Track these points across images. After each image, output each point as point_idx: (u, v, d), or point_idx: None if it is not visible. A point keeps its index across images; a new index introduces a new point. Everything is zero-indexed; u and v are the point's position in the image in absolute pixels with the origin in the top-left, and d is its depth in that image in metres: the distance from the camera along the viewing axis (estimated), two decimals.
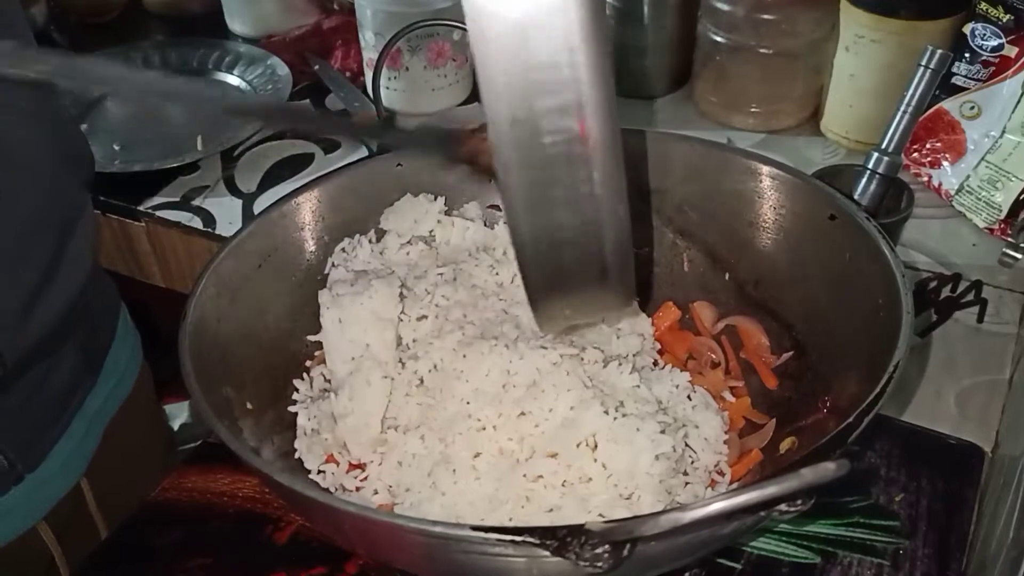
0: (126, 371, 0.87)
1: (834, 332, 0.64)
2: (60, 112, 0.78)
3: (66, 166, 0.75)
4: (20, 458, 0.74)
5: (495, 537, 0.44)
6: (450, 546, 0.47)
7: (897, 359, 0.54)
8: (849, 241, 0.64)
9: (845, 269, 0.64)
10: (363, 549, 0.62)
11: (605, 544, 0.43)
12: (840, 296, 0.64)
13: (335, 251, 0.72)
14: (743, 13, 1.06)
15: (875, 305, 0.60)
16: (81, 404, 0.81)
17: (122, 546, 0.70)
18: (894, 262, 0.60)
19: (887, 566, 0.65)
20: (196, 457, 0.75)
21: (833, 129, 1.08)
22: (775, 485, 0.42)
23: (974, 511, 0.68)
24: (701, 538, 0.50)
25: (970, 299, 0.87)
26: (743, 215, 0.71)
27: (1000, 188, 0.93)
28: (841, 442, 0.50)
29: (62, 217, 0.74)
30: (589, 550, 0.43)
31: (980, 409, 0.76)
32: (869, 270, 0.62)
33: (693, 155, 0.73)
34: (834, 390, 0.61)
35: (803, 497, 0.44)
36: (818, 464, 0.42)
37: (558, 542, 0.43)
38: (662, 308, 0.74)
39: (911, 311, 0.57)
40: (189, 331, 0.60)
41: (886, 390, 0.52)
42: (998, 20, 0.93)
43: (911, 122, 0.73)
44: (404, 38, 1.00)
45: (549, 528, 0.44)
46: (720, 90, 1.09)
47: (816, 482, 0.42)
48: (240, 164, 1.10)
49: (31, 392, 0.73)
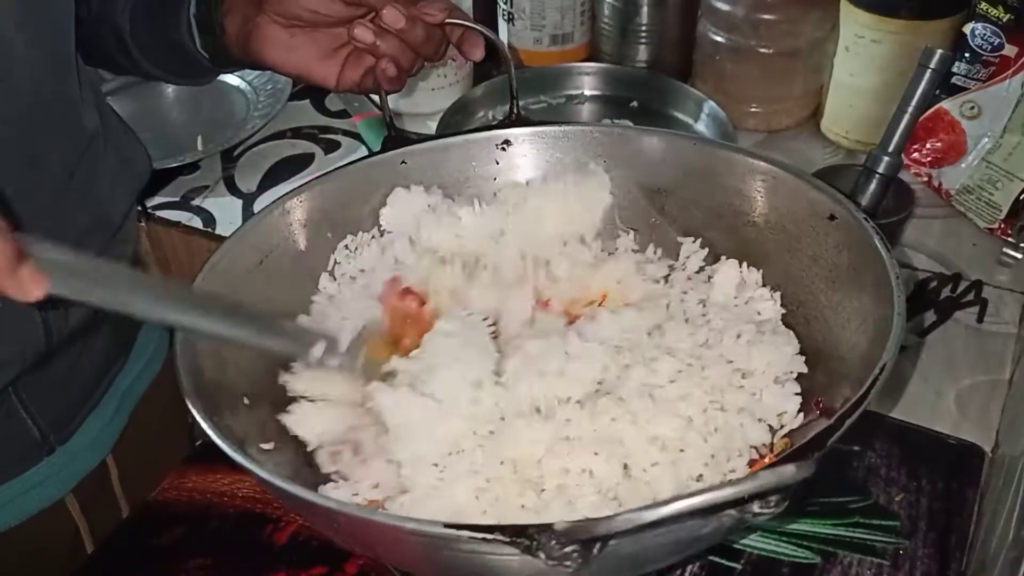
0: (155, 351, 0.90)
1: (830, 332, 0.64)
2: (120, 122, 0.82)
3: (124, 173, 0.78)
4: (52, 431, 0.77)
5: (467, 535, 0.44)
6: (434, 543, 0.47)
7: (884, 361, 0.53)
8: (847, 241, 0.64)
9: (842, 269, 0.64)
10: (352, 545, 0.62)
11: (573, 543, 0.43)
12: (837, 296, 0.64)
13: (338, 248, 0.72)
14: (743, 13, 1.06)
15: (870, 306, 0.60)
16: (112, 382, 0.84)
17: (123, 546, 0.70)
18: (889, 264, 0.59)
19: (887, 566, 0.65)
20: (196, 457, 0.75)
21: (833, 129, 1.08)
22: (732, 487, 0.42)
23: (974, 511, 0.68)
24: (678, 536, 0.50)
25: (970, 299, 0.87)
26: (745, 213, 0.71)
27: (1000, 188, 0.93)
28: (821, 444, 0.49)
29: (114, 223, 0.77)
30: (558, 549, 0.43)
31: (980, 409, 0.77)
32: (865, 271, 0.61)
33: (696, 154, 0.73)
34: (828, 391, 0.61)
35: (775, 497, 0.43)
36: (778, 466, 0.42)
37: (528, 540, 0.43)
38: None
39: (902, 313, 0.56)
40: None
41: (870, 393, 0.52)
42: (998, 20, 0.93)
43: (911, 122, 0.73)
44: None
45: (520, 527, 0.44)
46: (720, 90, 1.09)
47: (775, 484, 0.42)
48: (240, 164, 1.11)
49: (67, 369, 0.76)
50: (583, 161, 0.75)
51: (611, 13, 1.13)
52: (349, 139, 1.14)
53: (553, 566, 0.43)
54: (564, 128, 0.75)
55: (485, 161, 0.76)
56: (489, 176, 0.76)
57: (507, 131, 0.75)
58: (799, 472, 0.42)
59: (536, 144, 0.76)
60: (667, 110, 1.05)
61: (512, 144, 0.75)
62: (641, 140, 0.74)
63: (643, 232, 0.75)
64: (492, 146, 0.76)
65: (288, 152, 1.12)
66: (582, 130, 0.75)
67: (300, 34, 0.74)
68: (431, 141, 0.76)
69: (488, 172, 0.76)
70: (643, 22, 1.12)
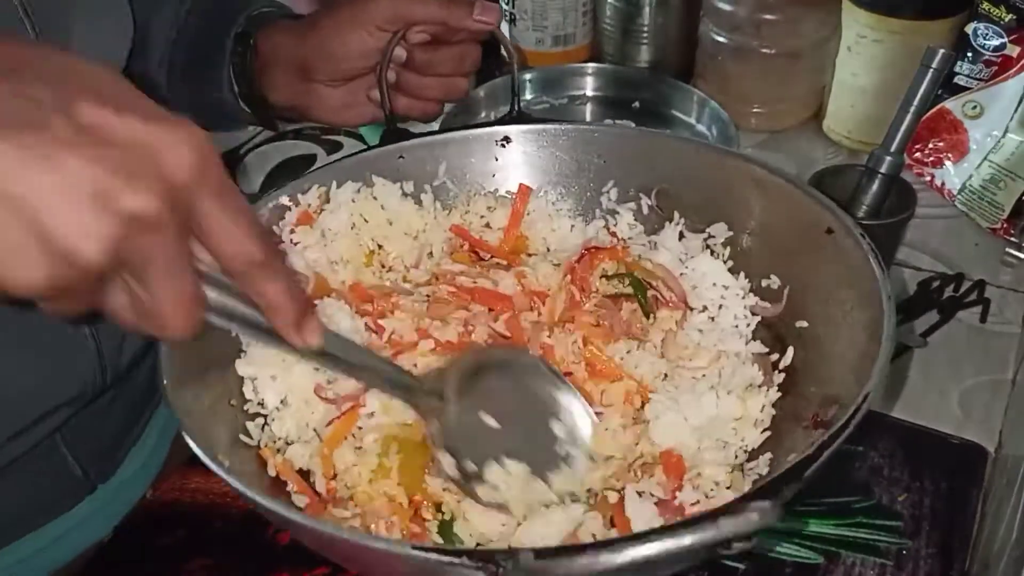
0: None
1: (821, 347, 0.62)
2: None
3: None
4: (94, 467, 0.76)
5: (435, 558, 0.44)
6: (405, 564, 0.47)
7: (867, 390, 0.51)
8: (842, 256, 0.62)
9: (835, 286, 0.63)
10: (339, 562, 0.61)
11: (535, 574, 0.42)
12: (830, 310, 0.63)
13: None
14: (745, 13, 1.06)
15: (861, 323, 0.59)
16: (152, 414, 0.83)
17: (125, 546, 0.70)
18: (883, 284, 0.58)
19: (890, 566, 0.64)
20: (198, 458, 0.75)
21: (835, 129, 1.08)
22: (691, 535, 0.41)
23: (977, 511, 0.68)
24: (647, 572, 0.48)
25: (973, 299, 0.87)
26: (741, 220, 0.70)
27: (1003, 188, 0.93)
28: (796, 477, 0.47)
29: None
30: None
31: (983, 409, 0.76)
32: (858, 288, 0.60)
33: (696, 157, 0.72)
34: (820, 405, 0.59)
35: (740, 539, 0.42)
36: (740, 513, 0.41)
37: (495, 567, 0.43)
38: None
39: (891, 337, 0.54)
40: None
41: (849, 426, 0.50)
42: (1000, 20, 0.93)
43: (914, 122, 0.73)
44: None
45: (487, 551, 0.44)
46: (722, 90, 1.09)
47: (736, 533, 0.41)
48: (243, 165, 1.11)
49: (109, 403, 0.75)
50: (581, 160, 0.75)
51: (613, 14, 1.13)
52: (352, 140, 1.14)
53: None
54: (564, 127, 0.75)
55: (484, 157, 0.76)
56: (488, 173, 0.76)
57: (507, 128, 0.75)
58: (762, 520, 0.40)
59: (536, 142, 0.75)
60: (669, 111, 1.05)
61: (512, 141, 0.75)
62: (641, 140, 0.74)
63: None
64: (492, 142, 0.75)
65: (291, 153, 1.12)
66: (582, 129, 0.75)
67: (348, 89, 0.77)
68: (430, 136, 0.75)
69: (487, 168, 0.76)
70: (645, 22, 1.12)
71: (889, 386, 0.78)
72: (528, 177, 0.76)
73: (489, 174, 0.76)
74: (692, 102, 1.03)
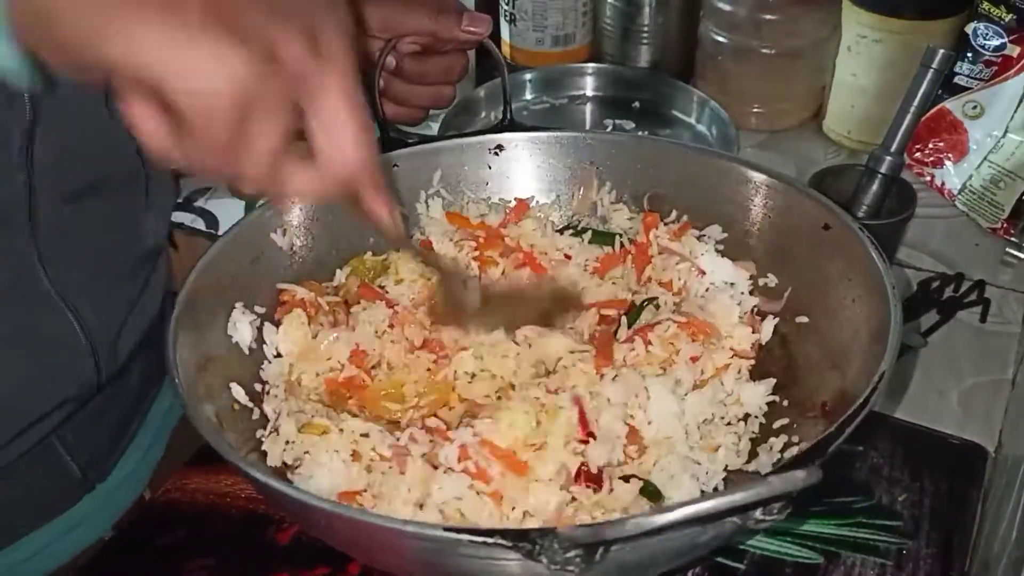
0: None
1: (826, 341, 0.63)
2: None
3: (168, 199, 0.80)
4: (91, 467, 0.77)
5: (466, 538, 0.44)
6: (432, 547, 0.47)
7: (882, 369, 0.53)
8: (842, 250, 0.63)
9: (837, 278, 0.64)
10: (349, 550, 0.61)
11: (577, 548, 0.42)
12: (832, 304, 0.64)
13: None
14: (745, 13, 1.06)
15: (866, 314, 0.60)
16: (147, 413, 0.84)
17: (125, 546, 0.70)
18: (884, 272, 0.59)
19: (890, 566, 0.64)
20: (199, 458, 0.75)
21: (835, 129, 1.08)
22: (742, 492, 0.42)
23: (977, 511, 0.68)
24: (681, 543, 0.49)
25: (973, 299, 0.87)
26: (740, 222, 0.71)
27: (1003, 188, 0.93)
28: (822, 451, 0.49)
29: (149, 258, 0.78)
30: (560, 554, 0.42)
31: (983, 409, 0.76)
32: (860, 279, 0.61)
33: (690, 162, 0.73)
34: (828, 396, 0.61)
35: (779, 504, 0.43)
36: (788, 473, 0.42)
37: (530, 544, 0.43)
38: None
39: (899, 321, 0.56)
40: (176, 326, 0.59)
41: (870, 401, 0.52)
42: (1000, 20, 0.93)
43: (914, 122, 0.73)
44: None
45: (521, 531, 0.44)
46: (722, 90, 1.09)
47: (785, 491, 0.42)
48: None
49: (104, 401, 0.76)
50: (574, 167, 0.75)
51: (613, 14, 1.13)
52: None
53: (555, 571, 0.43)
54: (557, 134, 0.75)
55: (477, 166, 0.76)
56: (482, 181, 0.76)
57: (500, 136, 0.76)
58: (807, 478, 0.42)
59: (529, 150, 0.76)
60: (669, 111, 1.05)
61: (505, 149, 0.76)
62: (634, 147, 0.74)
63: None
64: (485, 151, 0.76)
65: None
66: (575, 136, 0.76)
67: None
68: (423, 144, 0.76)
69: (480, 177, 0.76)
70: (645, 23, 1.12)
71: (889, 387, 0.78)
72: (521, 184, 0.76)
73: (483, 182, 0.76)
74: (692, 102, 1.03)
